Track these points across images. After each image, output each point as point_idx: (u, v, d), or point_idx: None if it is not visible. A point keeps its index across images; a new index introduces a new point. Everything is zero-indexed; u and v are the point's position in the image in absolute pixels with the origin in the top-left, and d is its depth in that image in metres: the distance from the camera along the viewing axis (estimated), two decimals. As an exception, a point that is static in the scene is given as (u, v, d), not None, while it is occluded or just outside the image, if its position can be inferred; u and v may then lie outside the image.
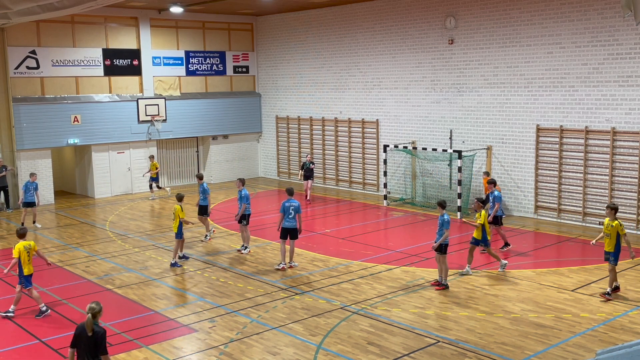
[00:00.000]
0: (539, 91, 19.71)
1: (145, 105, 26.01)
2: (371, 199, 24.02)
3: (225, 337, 11.13)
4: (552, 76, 19.34)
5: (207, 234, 18.07)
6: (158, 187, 24.93)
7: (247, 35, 29.36)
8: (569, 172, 19.32)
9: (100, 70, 25.16)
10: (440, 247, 13.50)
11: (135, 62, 26.03)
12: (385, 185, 23.05)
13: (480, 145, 21.25)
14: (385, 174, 23.03)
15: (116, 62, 25.50)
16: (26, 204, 20.00)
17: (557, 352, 10.28)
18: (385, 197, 22.87)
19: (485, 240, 14.48)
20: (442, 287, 13.45)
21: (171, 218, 15.69)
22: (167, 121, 26.72)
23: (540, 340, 10.77)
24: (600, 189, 18.63)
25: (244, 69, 29.38)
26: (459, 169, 20.32)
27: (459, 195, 20.30)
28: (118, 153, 25.72)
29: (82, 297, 13.44)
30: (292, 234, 14.99)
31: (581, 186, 18.99)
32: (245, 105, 29.27)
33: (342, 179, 26.35)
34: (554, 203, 19.69)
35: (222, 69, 28.65)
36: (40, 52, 23.71)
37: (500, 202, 16.33)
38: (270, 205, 23.05)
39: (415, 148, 22.97)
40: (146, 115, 26.02)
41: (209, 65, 28.21)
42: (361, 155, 25.46)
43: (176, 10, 24.33)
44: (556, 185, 19.58)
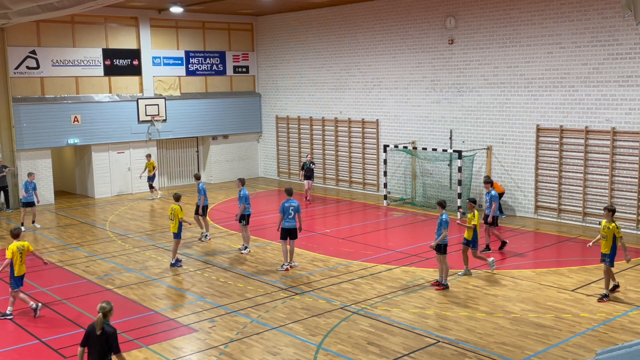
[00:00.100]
0: (539, 91, 19.71)
1: (145, 105, 26.02)
2: (371, 199, 24.02)
3: (225, 337, 11.13)
4: (552, 76, 19.34)
5: (207, 234, 18.06)
6: (151, 187, 24.68)
7: (247, 35, 29.37)
8: (569, 172, 19.32)
9: (100, 70, 25.16)
10: (439, 247, 13.50)
11: (135, 62, 26.03)
12: (385, 185, 23.06)
13: (480, 145, 21.25)
14: (385, 174, 23.04)
15: (116, 62, 25.50)
16: (25, 203, 20.01)
17: (557, 352, 10.29)
18: (385, 197, 22.88)
19: (474, 242, 14.34)
20: (442, 287, 13.45)
21: (169, 218, 15.59)
22: (167, 121, 26.72)
23: (540, 340, 10.77)
24: (600, 189, 18.63)
25: (244, 69, 29.38)
26: (459, 169, 20.32)
27: (459, 195, 20.30)
28: (118, 153, 25.72)
29: (82, 297, 13.45)
30: (292, 234, 15.00)
31: (581, 186, 18.99)
32: (245, 105, 29.27)
33: (342, 179, 26.35)
34: (554, 203, 19.70)
35: (222, 69, 28.65)
36: (40, 52, 23.71)
37: (497, 201, 16.29)
38: (270, 205, 23.05)
39: (415, 148, 22.97)
40: (146, 115, 26.03)
41: (209, 65, 28.21)
42: (361, 155, 25.46)
43: (176, 10, 24.33)
44: (556, 185, 19.58)
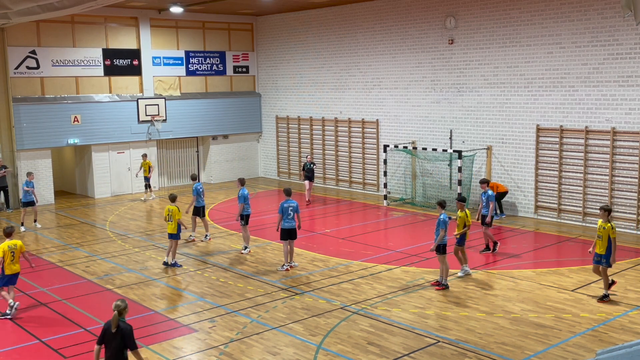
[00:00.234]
0: (539, 91, 19.71)
1: (145, 105, 26.01)
2: (371, 199, 24.02)
3: (225, 337, 11.13)
4: (552, 76, 19.34)
5: (206, 234, 18.07)
6: (145, 187, 24.44)
7: (247, 35, 29.36)
8: (569, 172, 19.32)
9: (100, 70, 25.16)
10: (438, 248, 13.50)
11: (135, 62, 26.03)
12: (385, 185, 23.06)
13: (480, 145, 21.25)
14: (385, 174, 23.03)
15: (116, 62, 25.50)
16: (25, 203, 19.98)
17: (557, 352, 10.29)
18: (385, 197, 22.87)
19: (462, 240, 14.17)
20: (442, 287, 13.45)
21: (165, 219, 15.45)
22: (167, 121, 26.72)
23: (540, 340, 10.77)
24: (600, 189, 18.63)
25: (244, 69, 29.38)
26: (459, 169, 20.32)
27: (459, 195, 20.29)
28: (118, 153, 25.72)
29: (82, 297, 13.46)
30: (292, 234, 14.99)
31: (581, 186, 18.99)
32: (245, 105, 29.27)
33: (342, 179, 26.35)
34: (554, 203, 19.69)
35: (222, 69, 28.65)
36: (40, 52, 23.71)
37: (494, 201, 16.21)
38: (270, 205, 23.04)
39: (415, 148, 22.97)
40: (146, 115, 26.02)
41: (209, 65, 28.21)
42: (361, 155, 25.46)
43: (176, 10, 24.33)
44: (556, 185, 19.58)
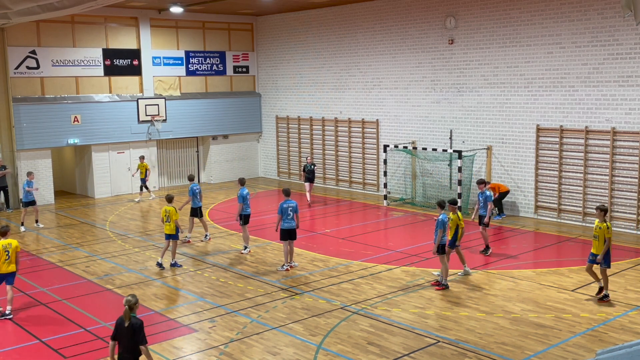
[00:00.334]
0: (539, 91, 19.71)
1: (145, 105, 26.01)
2: (371, 199, 24.02)
3: (225, 337, 11.13)
4: (552, 76, 19.34)
5: (206, 234, 18.07)
6: (141, 189, 24.27)
7: (247, 35, 29.36)
8: (569, 172, 19.32)
9: (100, 70, 25.16)
10: (437, 248, 13.49)
11: (135, 62, 26.03)
12: (385, 185, 23.05)
13: (480, 145, 21.25)
14: (385, 174, 23.03)
15: (116, 62, 25.50)
16: (26, 203, 19.96)
17: (557, 352, 10.29)
18: (385, 197, 22.87)
19: (453, 242, 13.97)
20: (442, 287, 13.45)
21: (163, 220, 15.36)
22: (167, 121, 26.72)
23: (540, 340, 10.77)
24: (600, 189, 18.63)
25: (244, 69, 29.38)
26: (459, 169, 20.32)
27: (459, 195, 20.30)
28: (118, 153, 25.72)
29: (82, 297, 13.46)
30: (292, 234, 14.99)
31: (581, 186, 18.99)
32: (245, 105, 29.27)
33: (342, 179, 26.35)
34: (554, 203, 19.69)
35: (222, 69, 28.65)
36: (40, 52, 23.71)
37: (492, 202, 16.16)
38: (270, 205, 23.03)
39: (415, 148, 22.97)
40: (146, 115, 26.02)
41: (209, 65, 28.21)
42: (361, 155, 25.46)
43: (176, 10, 24.33)
44: (556, 185, 19.58)
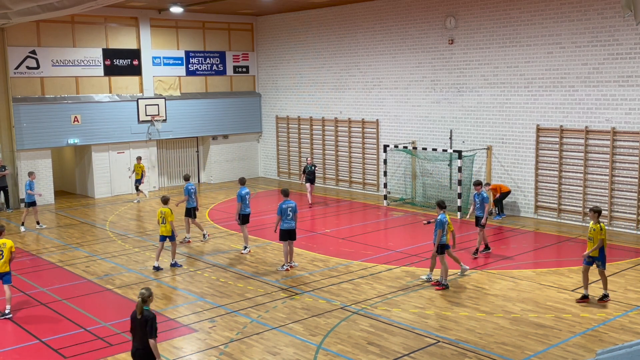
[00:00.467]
0: (539, 91, 19.71)
1: (145, 105, 26.01)
2: (371, 199, 24.02)
3: (225, 337, 11.13)
4: (552, 76, 19.34)
5: (204, 233, 18.06)
6: (137, 189, 24.23)
7: (247, 35, 29.36)
8: (569, 172, 19.32)
9: (100, 70, 25.15)
10: (437, 248, 13.50)
11: (135, 62, 26.03)
12: (385, 185, 23.05)
13: (480, 145, 21.25)
14: (385, 174, 23.03)
15: (116, 62, 25.50)
16: (29, 203, 19.90)
17: (557, 352, 10.29)
18: (385, 197, 22.87)
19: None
20: (442, 287, 13.45)
21: (159, 222, 15.29)
22: (167, 121, 26.71)
23: (540, 340, 10.77)
24: (600, 189, 18.63)
25: (244, 69, 29.38)
26: (459, 169, 20.32)
27: (459, 195, 20.31)
28: (118, 153, 25.72)
29: (82, 297, 13.46)
30: (292, 235, 14.98)
31: (581, 186, 18.99)
32: (245, 105, 29.27)
33: (342, 179, 26.35)
34: (554, 203, 19.69)
35: (222, 69, 28.65)
36: (40, 52, 23.71)
37: (489, 202, 16.13)
38: (270, 205, 23.02)
39: (415, 148, 22.97)
40: (146, 115, 26.02)
41: (209, 65, 28.21)
42: (361, 155, 25.46)
43: (176, 10, 24.32)
44: (556, 185, 19.58)
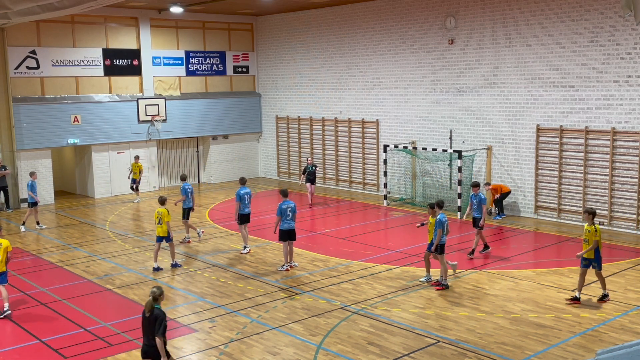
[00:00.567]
0: (539, 91, 19.71)
1: (145, 105, 26.01)
2: (371, 199, 24.01)
3: (225, 337, 11.13)
4: (552, 76, 19.34)
5: (198, 232, 18.08)
6: (134, 189, 24.16)
7: (247, 35, 29.36)
8: (569, 172, 19.32)
9: (100, 70, 25.16)
10: (436, 247, 13.49)
11: (135, 62, 26.03)
12: (385, 185, 23.05)
13: (480, 145, 21.25)
14: (385, 174, 23.03)
15: (116, 62, 25.50)
16: (31, 203, 19.84)
17: (557, 352, 10.29)
18: (385, 197, 22.87)
19: (432, 245, 13.71)
20: (442, 287, 13.45)
21: (156, 223, 15.26)
22: (167, 121, 26.72)
23: (540, 340, 10.77)
24: (600, 189, 18.63)
25: (244, 69, 29.38)
26: (459, 169, 20.32)
27: (459, 195, 20.31)
28: (118, 153, 25.72)
29: (82, 297, 13.46)
30: (292, 235, 14.98)
31: (581, 186, 18.99)
32: (245, 105, 29.27)
33: (342, 179, 26.35)
34: (554, 203, 19.69)
35: (222, 69, 28.65)
36: (40, 52, 23.71)
37: (486, 204, 16.07)
38: (270, 205, 23.02)
39: (415, 148, 22.97)
40: (146, 115, 26.02)
41: (209, 65, 28.21)
42: (361, 155, 25.46)
43: (176, 10, 24.32)
44: (556, 185, 19.58)
